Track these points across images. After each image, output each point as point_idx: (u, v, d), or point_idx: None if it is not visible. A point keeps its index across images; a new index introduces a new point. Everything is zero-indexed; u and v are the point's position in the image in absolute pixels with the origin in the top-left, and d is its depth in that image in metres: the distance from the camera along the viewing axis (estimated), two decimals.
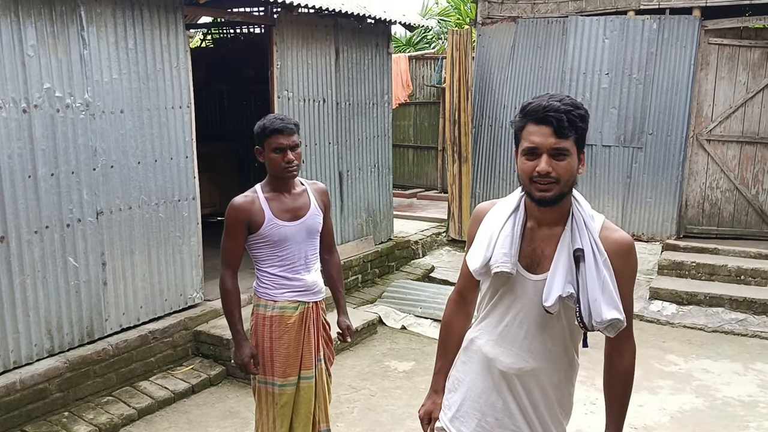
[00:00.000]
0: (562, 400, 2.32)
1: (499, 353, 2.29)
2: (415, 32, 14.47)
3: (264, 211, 3.29)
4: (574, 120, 2.03)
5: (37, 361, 4.63)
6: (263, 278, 3.40)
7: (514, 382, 2.28)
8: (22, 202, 4.45)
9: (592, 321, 2.07)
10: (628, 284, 2.16)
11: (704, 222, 8.17)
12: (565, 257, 2.13)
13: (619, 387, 2.28)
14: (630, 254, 2.15)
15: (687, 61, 7.79)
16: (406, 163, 12.94)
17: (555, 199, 2.08)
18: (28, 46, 4.40)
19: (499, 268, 2.19)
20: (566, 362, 2.28)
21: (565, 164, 2.04)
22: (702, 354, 6.07)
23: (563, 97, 2.07)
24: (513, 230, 2.21)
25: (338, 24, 7.08)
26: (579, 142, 2.08)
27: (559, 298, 2.11)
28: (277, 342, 3.36)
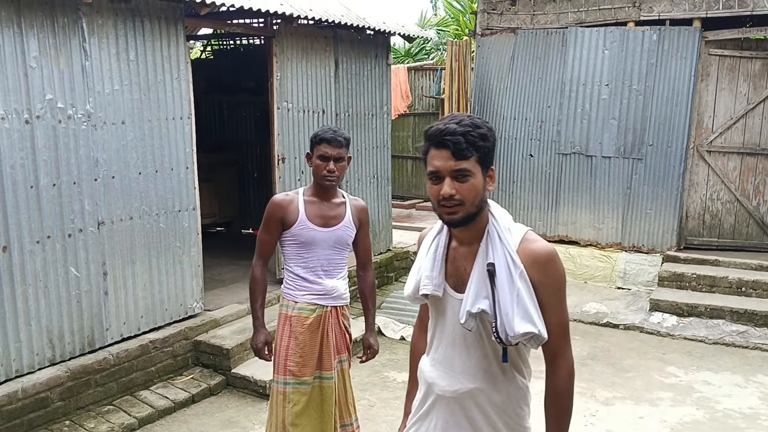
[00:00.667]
0: (510, 424, 2.23)
1: (436, 376, 2.27)
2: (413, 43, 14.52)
3: (299, 212, 3.47)
4: (474, 140, 2.03)
5: (39, 370, 4.63)
6: (289, 278, 3.59)
7: (452, 406, 2.24)
8: (25, 212, 4.46)
9: (507, 336, 2.04)
10: (552, 295, 2.10)
11: (705, 233, 8.18)
12: (479, 273, 2.12)
13: (553, 407, 2.18)
14: (548, 264, 2.09)
15: (687, 72, 7.81)
16: (405, 174, 12.97)
17: (463, 221, 2.08)
18: (31, 57, 4.42)
19: (421, 291, 2.23)
20: (506, 382, 2.20)
21: (468, 185, 2.04)
22: (703, 366, 6.07)
23: (463, 118, 2.07)
24: (435, 252, 2.23)
25: (338, 35, 7.11)
26: (483, 161, 2.07)
27: (471, 314, 2.10)
28: (294, 341, 3.50)
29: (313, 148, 3.49)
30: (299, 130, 6.74)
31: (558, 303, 2.11)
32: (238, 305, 6.12)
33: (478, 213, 2.10)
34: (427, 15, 18.34)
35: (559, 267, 2.11)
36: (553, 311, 2.10)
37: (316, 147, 3.45)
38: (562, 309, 2.12)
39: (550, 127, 8.58)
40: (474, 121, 2.06)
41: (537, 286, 2.08)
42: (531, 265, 2.08)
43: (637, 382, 5.67)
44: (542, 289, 2.08)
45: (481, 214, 2.12)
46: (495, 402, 2.20)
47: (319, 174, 3.46)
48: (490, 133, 2.09)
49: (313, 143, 3.48)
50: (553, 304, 2.10)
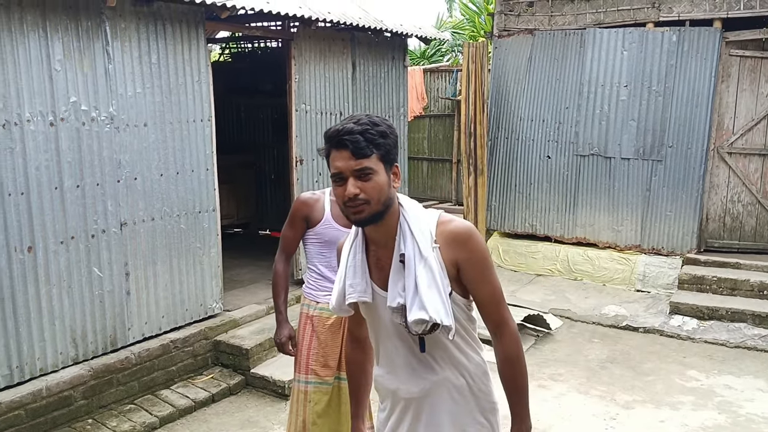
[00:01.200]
0: (481, 404, 2.28)
1: (399, 382, 2.26)
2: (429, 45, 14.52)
3: (324, 211, 3.45)
4: (373, 138, 2.04)
5: (62, 369, 4.70)
6: (311, 278, 3.59)
7: (423, 404, 2.25)
8: (49, 213, 4.52)
9: (410, 325, 2.08)
10: (480, 268, 2.13)
11: (725, 236, 8.12)
12: (395, 267, 2.14)
13: (506, 372, 2.22)
14: (469, 240, 2.12)
15: (708, 73, 7.76)
16: (420, 176, 12.95)
17: (371, 219, 2.09)
18: (56, 60, 4.48)
19: (348, 300, 2.23)
20: (465, 362, 2.24)
21: (372, 184, 2.04)
22: (724, 370, 6.01)
23: (361, 117, 2.08)
24: (355, 258, 2.23)
25: (355, 37, 7.14)
26: (385, 158, 2.08)
27: (392, 309, 2.12)
28: (315, 341, 3.50)
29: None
30: (317, 132, 6.78)
31: (487, 275, 2.15)
32: (256, 306, 6.15)
33: (385, 210, 2.10)
34: (443, 17, 18.32)
35: (480, 240, 2.14)
36: (484, 284, 2.15)
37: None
38: (491, 280, 2.16)
39: (568, 129, 8.56)
40: (372, 120, 2.07)
41: (462, 263, 2.11)
42: (452, 245, 2.11)
43: (658, 386, 5.64)
44: (468, 266, 2.12)
45: (389, 211, 2.12)
46: (460, 386, 2.23)
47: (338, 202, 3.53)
48: (389, 131, 2.09)
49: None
50: (483, 277, 2.15)
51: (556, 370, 5.92)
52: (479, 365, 2.27)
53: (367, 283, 2.21)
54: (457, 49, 15.95)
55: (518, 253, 8.85)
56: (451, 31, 16.70)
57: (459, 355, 2.22)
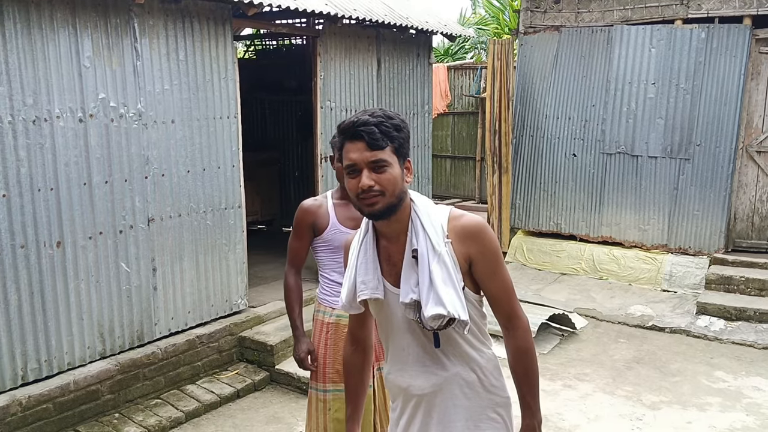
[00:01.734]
0: (493, 399, 2.27)
1: (410, 379, 2.25)
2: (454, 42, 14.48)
3: (329, 216, 3.35)
4: (388, 130, 2.04)
5: (90, 363, 4.75)
6: (324, 284, 3.47)
7: (435, 399, 2.23)
8: (78, 208, 4.57)
9: (425, 321, 2.07)
10: (491, 263, 2.14)
11: (753, 236, 8.00)
12: (407, 263, 2.13)
13: (518, 366, 2.22)
14: (481, 234, 2.12)
15: (737, 71, 7.65)
16: (443, 173, 12.92)
17: (385, 211, 2.08)
18: (85, 57, 4.53)
19: (359, 297, 2.22)
20: (477, 357, 2.23)
21: (387, 176, 2.05)
22: (752, 371, 5.93)
23: (375, 110, 2.09)
24: (366, 255, 2.21)
25: (380, 35, 7.13)
26: (399, 152, 2.08)
27: (405, 305, 2.11)
28: (332, 349, 3.39)
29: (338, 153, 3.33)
30: None
31: (498, 269, 2.15)
32: (281, 302, 6.16)
33: (398, 204, 2.10)
34: (466, 14, 18.26)
35: (492, 235, 2.15)
36: (495, 278, 2.15)
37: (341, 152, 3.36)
38: (502, 274, 2.16)
39: (594, 127, 8.48)
40: (386, 113, 2.08)
41: (474, 258, 2.12)
42: (464, 240, 2.11)
43: (685, 387, 5.57)
44: (480, 260, 2.13)
45: (401, 205, 2.12)
46: (472, 381, 2.22)
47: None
48: (403, 125, 2.10)
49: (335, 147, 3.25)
50: (494, 271, 2.15)
51: (581, 369, 5.87)
52: (491, 360, 2.27)
53: (379, 280, 2.20)
54: (481, 46, 15.88)
55: (543, 251, 8.79)
56: (475, 28, 16.64)
57: (470, 351, 2.22)
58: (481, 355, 2.24)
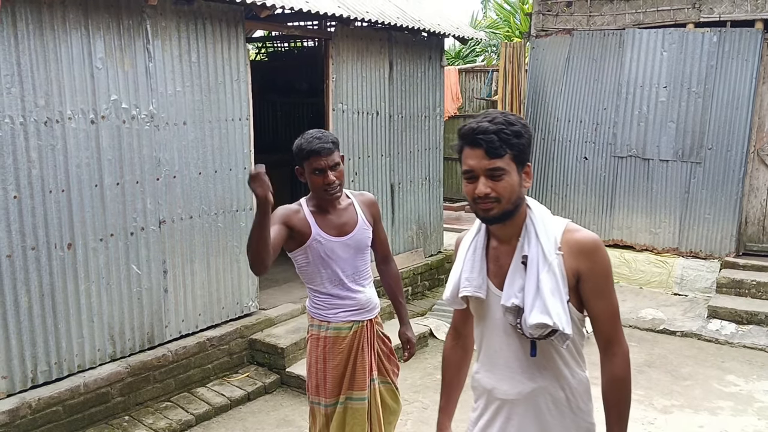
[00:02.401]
0: (577, 421, 2.21)
1: (495, 381, 2.24)
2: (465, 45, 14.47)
3: (310, 225, 3.17)
4: (508, 138, 2.02)
5: (100, 366, 4.75)
6: (316, 298, 3.31)
7: (517, 408, 2.21)
8: (89, 210, 4.57)
9: (527, 327, 2.05)
10: (600, 282, 2.10)
11: (764, 240, 7.95)
12: (514, 267, 2.13)
13: (611, 394, 2.17)
14: (595, 252, 2.09)
15: (748, 75, 7.61)
16: (454, 176, 12.88)
17: (500, 217, 2.08)
18: (97, 58, 4.53)
19: (461, 293, 2.22)
20: (568, 377, 2.19)
21: (503, 183, 2.03)
22: (763, 375, 5.89)
23: (497, 115, 2.06)
24: (475, 253, 2.22)
25: (392, 37, 7.12)
26: (518, 158, 2.06)
27: (505, 308, 2.11)
28: (331, 363, 3.26)
29: (302, 162, 3.12)
30: (354, 131, 6.77)
31: (607, 290, 2.11)
32: (291, 305, 6.16)
33: (514, 210, 2.10)
34: (477, 17, 18.24)
35: (605, 254, 2.11)
36: (602, 298, 2.11)
37: (307, 161, 3.08)
38: (610, 296, 2.12)
39: (605, 130, 8.45)
40: (508, 119, 2.05)
41: (583, 275, 2.08)
42: (576, 255, 2.08)
43: (696, 391, 5.54)
44: (590, 278, 2.09)
45: (517, 211, 2.11)
46: (559, 399, 2.18)
47: (319, 188, 3.12)
48: (524, 130, 2.06)
49: (300, 157, 3.11)
50: (602, 291, 2.11)
51: (592, 373, 5.80)
52: (582, 382, 2.22)
53: (483, 279, 2.20)
54: (491, 49, 15.86)
55: None
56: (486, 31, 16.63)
57: (563, 368, 2.18)
58: (573, 375, 2.20)
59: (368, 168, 7.06)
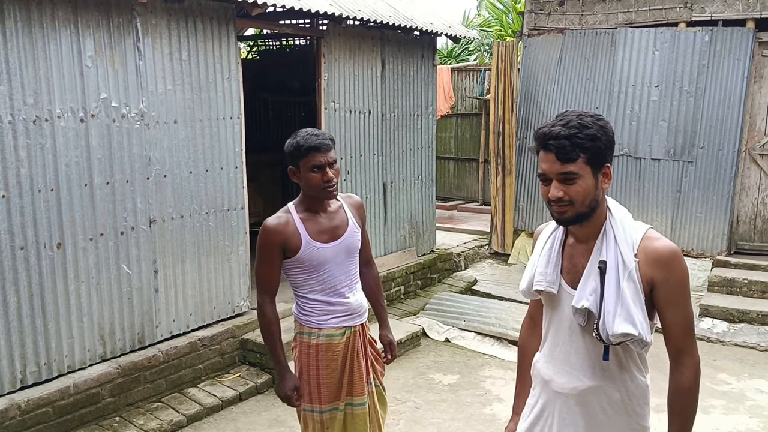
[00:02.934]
0: (630, 423, 2.23)
1: (553, 373, 2.29)
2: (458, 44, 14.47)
3: (300, 234, 3.07)
4: (581, 142, 2.01)
5: (90, 366, 4.71)
6: (305, 305, 3.20)
7: (569, 403, 2.25)
8: (78, 209, 4.53)
9: (607, 335, 2.07)
10: (675, 293, 2.09)
11: (756, 238, 7.98)
12: (591, 270, 2.14)
13: (676, 403, 2.16)
14: (671, 263, 2.08)
15: (740, 74, 7.63)
16: (446, 175, 12.89)
17: (574, 220, 2.11)
18: (87, 56, 4.49)
19: (535, 287, 2.27)
20: (626, 380, 2.20)
21: (576, 187, 2.05)
22: (755, 373, 5.91)
23: (572, 118, 2.05)
24: (551, 249, 2.26)
25: (384, 36, 7.10)
26: (593, 161, 2.05)
27: (576, 310, 2.13)
28: (325, 370, 3.18)
29: (298, 162, 3.03)
30: (346, 130, 6.75)
31: (681, 300, 2.10)
32: (283, 304, 6.09)
33: (590, 213, 2.11)
34: (469, 16, 18.23)
35: (682, 265, 2.10)
36: (676, 309, 2.10)
37: (303, 159, 3.01)
38: (685, 306, 2.11)
39: None
40: (582, 121, 2.04)
41: (658, 284, 2.08)
42: (652, 264, 2.08)
43: None
44: (664, 287, 2.08)
45: (594, 213, 2.12)
46: (614, 400, 2.20)
47: (317, 186, 3.04)
48: (600, 132, 2.05)
49: (297, 156, 3.02)
50: (675, 302, 2.10)
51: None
52: (640, 387, 2.24)
53: (557, 276, 2.23)
54: (484, 48, 15.85)
55: None
56: (478, 30, 16.62)
57: (624, 372, 2.20)
58: (632, 380, 2.21)
59: (360, 167, 7.04)
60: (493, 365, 6.04)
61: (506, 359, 6.14)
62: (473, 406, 5.25)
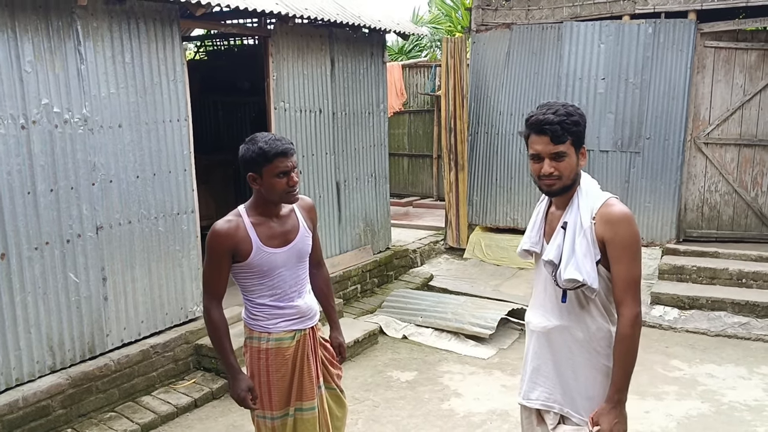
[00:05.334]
0: (590, 359, 2.63)
1: (532, 316, 2.80)
2: (407, 40, 14.49)
3: (251, 239, 3.04)
4: (569, 127, 2.48)
5: (40, 378, 4.59)
6: (254, 309, 3.18)
7: (542, 339, 2.72)
8: (22, 218, 4.41)
9: (561, 280, 2.54)
10: (620, 250, 2.49)
11: (704, 226, 8.18)
12: (559, 230, 2.62)
13: (617, 349, 2.54)
14: (618, 223, 2.49)
15: (683, 65, 7.80)
16: (401, 172, 12.92)
17: (560, 191, 2.58)
18: (26, 61, 4.38)
19: (521, 246, 2.83)
20: (589, 323, 2.62)
21: (565, 164, 2.52)
22: (706, 359, 6.05)
23: (558, 107, 2.50)
24: (537, 217, 2.79)
25: (333, 34, 7.07)
26: (576, 143, 2.53)
27: (545, 262, 2.64)
28: (275, 375, 3.15)
29: (261, 168, 2.98)
30: (297, 130, 6.71)
31: (622, 257, 2.49)
32: (238, 307, 6.05)
33: (572, 185, 2.58)
34: (419, 12, 18.28)
35: (631, 227, 2.50)
36: (620, 264, 2.49)
37: (270, 165, 2.96)
38: (626, 264, 2.49)
39: None
40: (567, 110, 2.49)
41: (608, 241, 2.50)
42: (605, 224, 2.50)
43: (642, 377, 5.64)
44: (611, 244, 2.50)
45: (574, 185, 2.59)
46: (578, 339, 2.64)
47: (282, 191, 3.01)
48: (581, 119, 2.53)
49: (262, 162, 2.97)
50: (620, 259, 2.49)
51: None
52: (602, 330, 2.62)
53: (540, 238, 2.75)
54: (435, 45, 15.91)
55: (501, 247, 8.84)
56: (428, 27, 16.67)
57: (585, 315, 2.62)
58: (594, 323, 2.62)
59: (313, 166, 7.01)
60: (451, 360, 6.07)
61: (464, 354, 6.18)
62: (431, 402, 5.28)
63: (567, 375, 2.68)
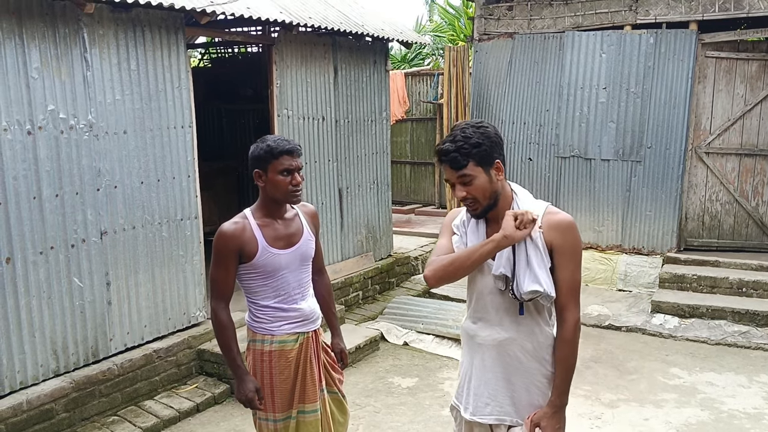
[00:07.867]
0: (540, 369, 2.65)
1: (477, 329, 2.71)
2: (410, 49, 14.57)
3: (257, 240, 3.10)
4: (467, 150, 2.46)
5: (43, 382, 4.62)
6: (258, 312, 3.22)
7: (491, 352, 2.66)
8: (28, 223, 4.46)
9: (520, 293, 2.50)
10: (565, 256, 2.52)
11: (704, 235, 8.20)
12: None
13: (559, 352, 2.62)
14: (564, 231, 2.52)
15: (684, 75, 7.84)
16: (403, 179, 12.96)
17: (483, 212, 2.57)
18: (33, 68, 4.43)
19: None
20: (536, 332, 2.62)
21: (474, 186, 2.50)
22: (706, 367, 6.07)
23: (457, 133, 2.49)
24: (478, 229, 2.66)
25: (336, 42, 7.13)
26: (482, 162, 2.49)
27: (495, 276, 2.57)
28: (278, 378, 3.19)
29: (266, 165, 3.08)
30: (300, 137, 6.76)
31: (569, 264, 2.53)
32: (240, 313, 6.08)
33: (494, 203, 2.55)
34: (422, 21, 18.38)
35: (574, 234, 2.54)
36: (565, 270, 2.53)
37: (274, 162, 3.06)
38: (572, 270, 2.54)
39: (548, 131, 8.61)
40: (465, 134, 2.48)
41: (555, 248, 2.52)
42: (553, 231, 2.51)
43: (642, 384, 5.67)
44: (558, 251, 2.52)
45: (497, 203, 2.56)
46: (527, 349, 2.63)
47: (285, 190, 3.10)
48: (483, 138, 2.48)
49: (267, 159, 3.08)
50: (565, 264, 2.53)
51: None
52: (547, 337, 2.65)
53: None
54: (438, 53, 15.99)
55: None
56: (431, 35, 16.76)
57: (534, 325, 2.62)
58: (541, 331, 2.63)
59: (316, 173, 7.05)
60: (452, 367, 6.10)
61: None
62: (432, 408, 5.30)
63: (518, 386, 2.66)
